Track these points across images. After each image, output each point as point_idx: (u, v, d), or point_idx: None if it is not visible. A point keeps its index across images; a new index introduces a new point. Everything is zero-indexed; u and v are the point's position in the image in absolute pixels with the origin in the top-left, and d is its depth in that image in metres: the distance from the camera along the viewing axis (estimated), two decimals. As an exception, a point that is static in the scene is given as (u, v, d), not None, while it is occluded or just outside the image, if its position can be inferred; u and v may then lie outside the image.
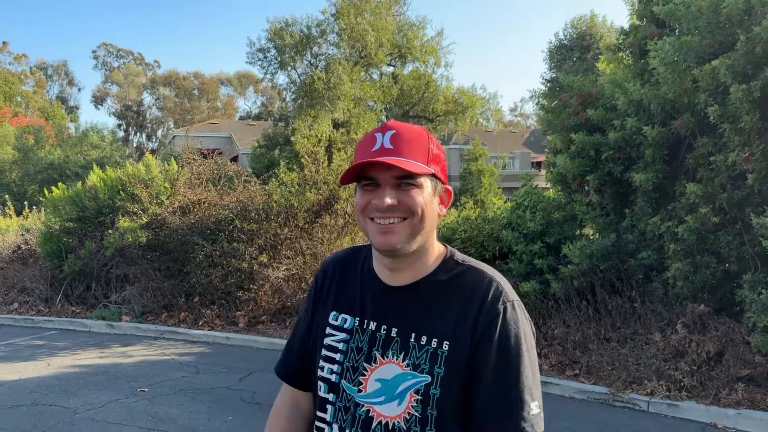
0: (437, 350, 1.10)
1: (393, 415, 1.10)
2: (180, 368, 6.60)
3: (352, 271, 1.25)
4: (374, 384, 1.12)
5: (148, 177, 9.39)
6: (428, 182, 1.14)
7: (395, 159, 1.09)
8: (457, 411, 1.09)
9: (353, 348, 1.17)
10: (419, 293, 1.16)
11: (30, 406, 5.29)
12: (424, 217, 1.12)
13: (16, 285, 9.84)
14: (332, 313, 1.23)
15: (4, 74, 50.99)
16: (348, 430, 1.13)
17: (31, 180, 23.75)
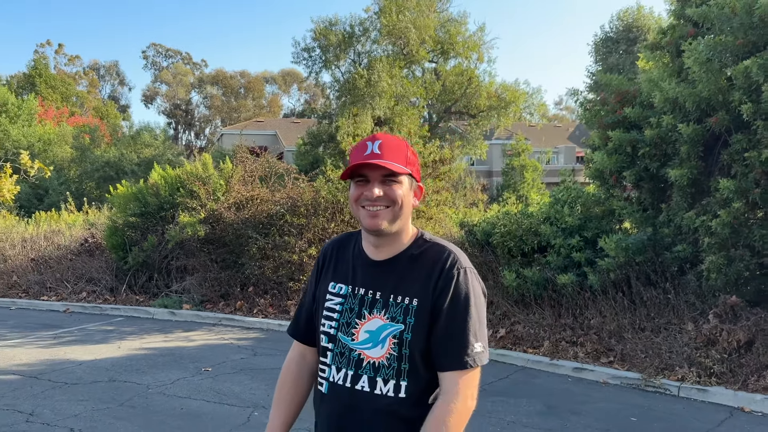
0: (409, 305, 1.49)
1: (377, 356, 1.49)
2: (238, 351, 7.15)
3: (346, 251, 1.65)
4: (364, 334, 1.51)
5: (205, 175, 10.00)
6: (406, 180, 1.53)
7: (383, 161, 1.48)
8: (422, 350, 1.48)
9: (347, 308, 1.55)
10: (396, 265, 1.55)
11: (107, 382, 5.89)
12: (402, 206, 1.51)
13: (84, 275, 10.62)
14: (331, 283, 1.62)
15: (61, 75, 53.02)
16: (344, 369, 1.52)
17: (89, 177, 24.94)
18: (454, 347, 1.46)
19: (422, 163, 9.62)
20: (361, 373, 1.50)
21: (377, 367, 1.49)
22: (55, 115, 39.59)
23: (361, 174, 1.51)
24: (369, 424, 1.48)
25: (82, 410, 5.01)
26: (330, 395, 1.54)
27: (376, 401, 1.47)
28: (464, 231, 9.02)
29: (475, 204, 17.56)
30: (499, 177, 37.98)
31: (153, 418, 4.85)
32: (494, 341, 7.10)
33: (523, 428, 4.62)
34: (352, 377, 1.50)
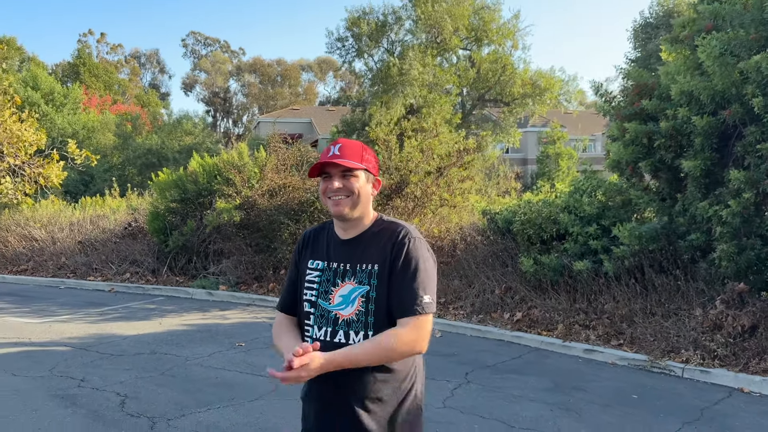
0: (372, 270, 1.87)
1: (348, 313, 1.87)
2: (270, 329, 7.59)
3: (321, 235, 2.04)
4: (338, 299, 1.90)
5: (240, 163, 10.51)
6: (362, 174, 1.91)
7: (340, 160, 1.87)
8: (385, 306, 1.85)
9: (324, 279, 1.94)
10: (361, 241, 1.93)
11: (150, 354, 6.43)
12: (359, 195, 1.89)
13: (128, 257, 11.29)
14: (310, 260, 2.01)
15: (103, 64, 54.42)
16: (324, 327, 1.90)
17: (131, 164, 25.88)
18: (407, 299, 1.82)
19: (446, 153, 9.93)
20: (337, 329, 1.88)
21: (349, 322, 1.87)
22: (99, 103, 40.81)
23: (326, 171, 1.91)
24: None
25: (127, 378, 5.55)
26: None
27: None
28: (486, 219, 9.32)
29: (507, 192, 17.66)
30: (533, 165, 37.80)
31: (191, 386, 5.35)
32: (510, 324, 7.44)
33: (528, 402, 4.97)
34: (330, 333, 1.88)
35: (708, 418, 4.64)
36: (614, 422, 4.54)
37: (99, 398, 4.99)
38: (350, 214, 1.90)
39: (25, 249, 12.61)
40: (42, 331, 7.43)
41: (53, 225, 13.15)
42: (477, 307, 8.09)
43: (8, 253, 12.74)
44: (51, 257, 12.10)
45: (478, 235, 9.63)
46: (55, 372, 5.72)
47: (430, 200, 9.76)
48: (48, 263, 11.93)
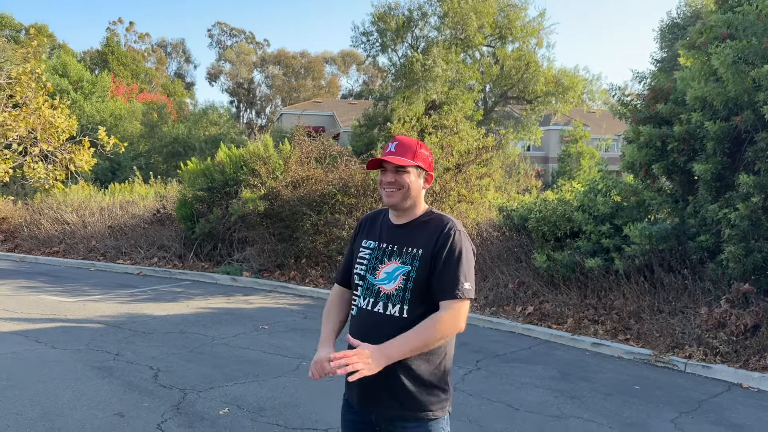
0: (416, 253, 2.13)
1: (390, 288, 2.15)
2: (291, 314, 8.00)
3: (377, 219, 2.32)
4: (383, 275, 2.17)
5: (266, 155, 10.88)
6: (414, 170, 2.16)
7: (394, 157, 2.14)
8: (423, 286, 2.11)
9: (374, 257, 2.22)
10: (410, 227, 2.20)
11: (178, 333, 6.82)
12: (409, 189, 2.15)
13: (156, 243, 11.74)
14: (365, 240, 2.29)
15: (131, 53, 55.16)
16: (368, 298, 2.19)
17: (157, 152, 26.45)
18: (449, 284, 2.09)
19: (465, 150, 10.19)
20: (378, 301, 2.17)
21: (389, 296, 2.15)
22: (126, 92, 41.53)
23: (383, 165, 2.19)
24: (379, 331, 2.16)
25: (158, 353, 5.93)
26: (357, 315, 2.23)
27: (386, 318, 2.16)
28: (502, 215, 9.57)
29: (528, 190, 17.80)
30: (555, 163, 37.76)
31: (218, 362, 5.72)
32: (522, 317, 7.70)
33: (534, 389, 5.25)
34: (372, 303, 2.18)
35: (705, 409, 4.89)
36: (614, 409, 4.81)
37: (133, 371, 5.38)
38: (400, 204, 2.17)
39: (57, 232, 13.14)
40: (76, 309, 7.87)
41: (84, 209, 13.66)
42: (490, 300, 8.36)
43: (41, 235, 13.28)
44: (82, 240, 12.61)
45: (494, 230, 9.90)
46: (91, 346, 6.13)
47: (449, 196, 10.03)
48: (79, 246, 12.43)
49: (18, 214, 14.55)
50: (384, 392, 2.10)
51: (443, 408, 2.14)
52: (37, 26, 46.55)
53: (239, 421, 4.29)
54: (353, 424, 2.23)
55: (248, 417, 4.38)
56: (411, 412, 2.09)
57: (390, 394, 2.09)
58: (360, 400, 2.17)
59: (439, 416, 2.12)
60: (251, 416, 4.40)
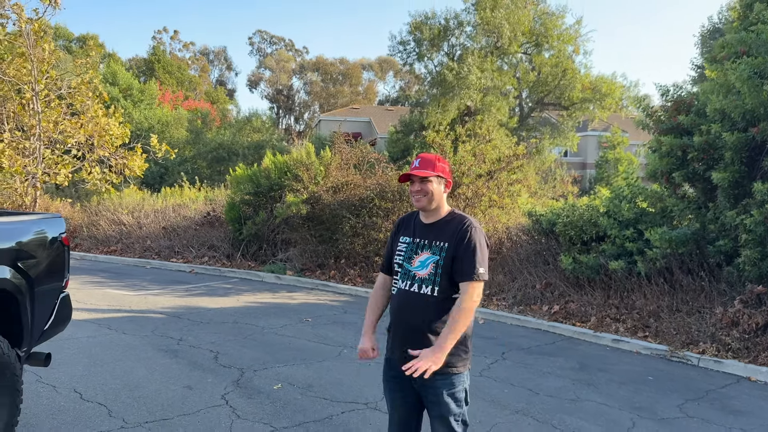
0: (443, 246, 2.72)
1: (422, 273, 2.73)
2: (332, 309, 8.66)
3: (410, 220, 2.91)
4: (417, 263, 2.76)
5: (308, 161, 11.59)
6: (435, 179, 2.75)
7: (419, 171, 2.75)
8: (448, 271, 2.69)
9: (409, 249, 2.81)
10: (437, 225, 2.78)
11: (232, 323, 7.53)
12: (432, 194, 2.75)
13: (206, 243, 12.57)
14: (402, 236, 2.89)
15: (176, 61, 56.92)
16: (405, 281, 2.77)
17: (202, 158, 27.58)
18: (468, 269, 2.67)
19: (497, 158, 10.72)
20: (413, 283, 2.77)
21: (422, 279, 2.75)
22: (171, 99, 43.04)
23: (410, 178, 2.81)
24: (414, 306, 2.75)
25: (216, 339, 6.65)
26: (397, 295, 2.83)
27: (419, 296, 2.75)
28: (531, 220, 10.06)
29: (564, 196, 18.12)
30: (592, 169, 37.71)
31: (269, 348, 6.39)
32: (548, 315, 8.20)
33: (554, 378, 5.77)
34: (409, 285, 2.78)
35: (711, 397, 5.34)
36: (626, 395, 5.30)
37: (196, 353, 6.09)
38: (427, 207, 2.78)
39: (115, 232, 14.12)
40: (139, 301, 8.67)
41: (139, 212, 14.62)
42: (518, 299, 8.87)
43: (100, 235, 14.28)
44: (137, 240, 13.54)
45: (523, 234, 10.39)
46: (156, 333, 6.89)
47: (480, 201, 10.57)
48: (135, 245, 13.36)
49: (77, 216, 15.62)
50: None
51: (464, 365, 2.73)
52: (88, 36, 48.60)
53: (291, 395, 4.94)
54: (393, 379, 2.82)
55: (298, 392, 5.03)
56: (439, 368, 2.68)
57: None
58: (400, 360, 2.77)
59: (461, 371, 2.71)
60: (301, 391, 5.04)
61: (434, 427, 2.73)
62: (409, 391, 2.79)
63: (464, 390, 2.74)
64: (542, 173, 22.69)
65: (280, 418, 4.45)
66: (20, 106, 14.87)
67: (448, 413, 2.68)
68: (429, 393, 2.71)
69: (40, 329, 3.96)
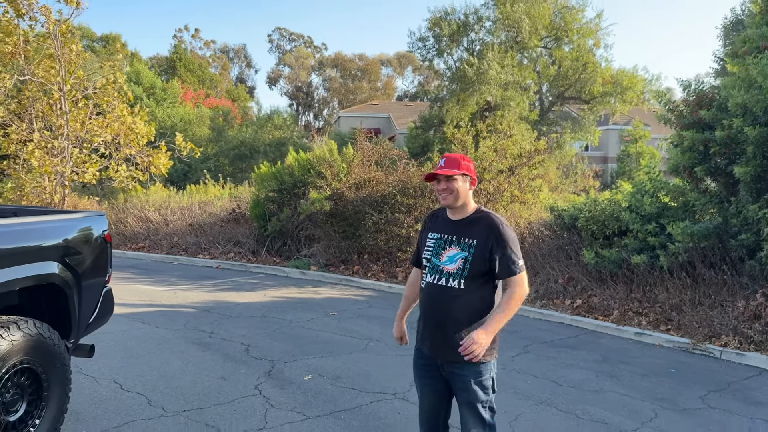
0: (471, 243, 2.83)
1: (450, 268, 2.86)
2: (356, 303, 8.83)
3: (438, 216, 3.04)
4: (446, 258, 2.89)
5: (331, 159, 11.77)
6: (460, 177, 2.88)
7: (444, 170, 2.88)
8: (476, 267, 2.80)
9: (437, 245, 2.94)
10: (464, 222, 2.90)
11: (260, 317, 7.74)
12: (458, 192, 2.88)
13: (232, 239, 12.83)
14: (430, 232, 3.02)
15: (197, 59, 57.43)
16: (434, 275, 2.90)
17: (224, 155, 27.93)
18: (510, 265, 2.80)
19: (518, 154, 10.80)
20: (441, 276, 2.91)
21: (450, 273, 2.89)
22: (193, 97, 43.51)
23: (436, 177, 2.95)
24: (442, 299, 2.89)
25: (246, 333, 6.86)
26: (426, 288, 2.98)
27: (447, 289, 2.89)
28: (553, 215, 10.13)
29: (585, 190, 18.12)
30: (614, 163, 37.45)
31: (297, 341, 6.58)
32: (570, 309, 8.29)
33: (577, 369, 5.88)
34: (437, 278, 2.93)
35: (733, 389, 5.41)
36: (648, 387, 5.39)
37: (227, 345, 6.30)
38: (453, 204, 2.91)
39: (142, 229, 14.45)
40: (169, 297, 8.93)
41: (165, 209, 14.94)
42: (541, 294, 8.96)
43: (128, 232, 14.62)
44: (165, 237, 13.85)
45: (545, 229, 10.46)
46: (188, 326, 7.12)
47: (502, 196, 10.66)
48: (162, 242, 13.67)
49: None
50: (448, 345, 2.84)
51: (492, 354, 2.87)
52: (111, 36, 49.29)
53: (321, 385, 5.12)
54: (424, 367, 2.98)
55: (328, 382, 5.21)
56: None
57: (452, 345, 2.83)
58: (430, 349, 2.92)
59: (488, 360, 2.85)
60: (331, 382, 5.22)
61: (463, 414, 2.88)
62: (438, 379, 2.94)
63: (491, 378, 2.88)
64: (563, 168, 22.66)
65: (312, 407, 4.63)
66: (48, 107, 15.25)
67: (475, 400, 2.83)
68: (457, 381, 2.86)
69: (86, 322, 4.19)
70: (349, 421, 4.39)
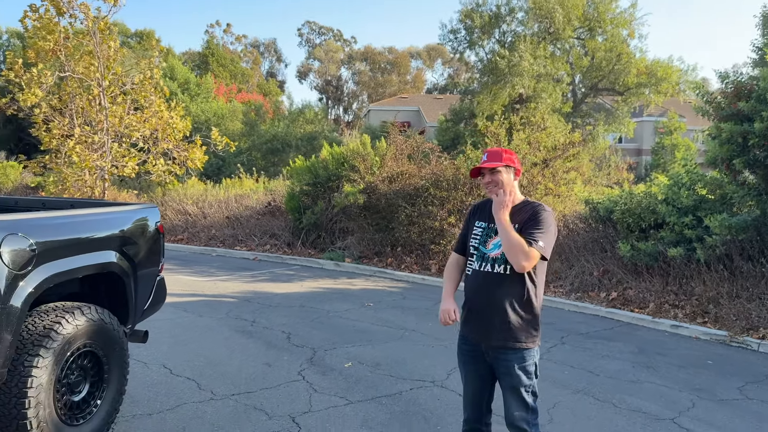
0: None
1: (496, 254, 2.96)
2: (391, 295, 8.98)
3: (484, 207, 3.13)
4: (491, 245, 3.00)
5: (364, 152, 11.92)
6: (504, 169, 2.98)
7: (488, 164, 2.99)
8: None
9: (485, 233, 3.05)
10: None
11: (299, 307, 7.95)
12: (504, 184, 2.98)
13: (268, 232, 13.10)
14: (477, 221, 3.13)
15: (228, 54, 58.08)
16: (480, 261, 3.01)
17: (257, 149, 28.32)
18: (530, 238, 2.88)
19: (552, 146, 10.80)
20: (487, 263, 3.01)
21: (494, 259, 3.00)
22: (225, 92, 44.10)
23: (481, 171, 3.06)
24: (488, 285, 3.00)
25: (286, 321, 7.06)
26: (472, 274, 3.09)
27: (493, 275, 3.00)
28: (588, 208, 10.12)
29: (619, 183, 17.96)
30: (648, 156, 36.88)
31: (335, 330, 6.76)
32: (606, 301, 8.31)
33: (613, 360, 5.93)
34: (483, 265, 3.04)
35: (772, 381, 5.42)
36: (685, 378, 5.43)
37: (269, 334, 6.51)
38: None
39: (180, 222, 14.83)
40: (210, 287, 9.20)
41: (202, 202, 15.29)
42: (576, 286, 8.99)
43: (166, 224, 14.99)
44: (202, 229, 14.20)
45: (580, 222, 10.46)
46: (230, 315, 7.35)
47: (536, 189, 10.67)
48: (200, 234, 14.02)
49: (144, 206, 16.39)
50: (493, 329, 2.96)
51: (534, 341, 2.98)
52: (145, 32, 50.13)
53: (361, 372, 5.29)
54: (468, 353, 3.10)
55: (368, 369, 5.36)
56: (511, 343, 2.94)
57: (497, 330, 2.95)
58: (475, 335, 3.03)
59: (531, 347, 2.97)
60: (370, 369, 5.38)
61: (506, 398, 3.00)
62: (482, 364, 3.05)
63: (534, 364, 2.99)
64: (596, 160, 22.43)
65: (354, 393, 4.79)
66: (87, 102, 15.69)
67: (519, 384, 2.94)
68: (501, 366, 2.97)
69: (141, 309, 4.41)
70: (391, 407, 4.54)
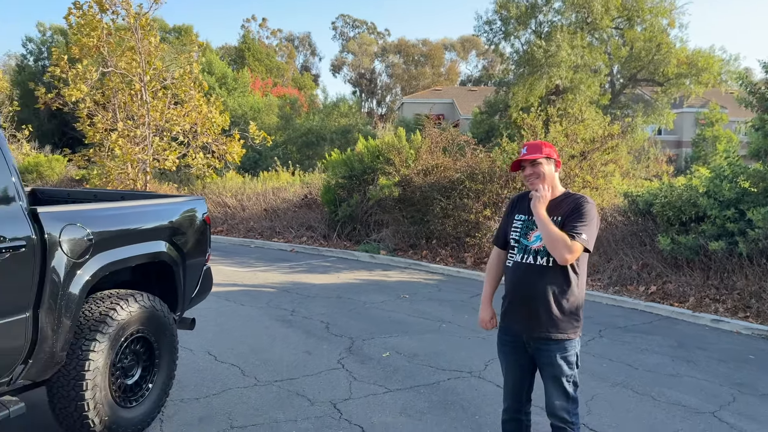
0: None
1: (537, 246, 2.99)
2: (426, 287, 9.05)
3: (525, 198, 3.16)
4: (533, 237, 3.02)
5: (399, 145, 11.98)
6: (544, 161, 3.01)
7: (528, 156, 3.02)
8: None
9: (525, 225, 3.08)
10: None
11: (336, 298, 8.08)
12: (545, 176, 3.01)
13: (304, 224, 13.29)
14: (517, 214, 3.15)
15: (264, 48, 58.63)
16: (521, 253, 3.04)
17: (292, 143, 28.63)
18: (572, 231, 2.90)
19: (590, 138, 10.69)
20: (529, 255, 3.05)
21: (537, 251, 3.03)
22: (261, 86, 44.57)
23: (521, 164, 3.10)
24: (530, 276, 3.04)
25: (325, 311, 7.20)
26: (513, 266, 3.14)
27: (535, 267, 3.04)
28: (627, 200, 10.00)
29: (658, 176, 17.67)
30: (688, 148, 36.07)
31: (372, 321, 6.87)
32: (644, 296, 8.23)
33: (652, 353, 5.90)
34: (524, 257, 3.08)
35: (817, 377, 5.32)
36: (726, 372, 5.37)
37: (308, 323, 6.66)
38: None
39: (220, 214, 15.13)
40: (249, 277, 9.41)
41: (241, 195, 15.58)
42: (614, 280, 8.92)
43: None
44: (241, 221, 14.47)
45: (618, 215, 10.35)
46: (270, 305, 7.53)
47: (573, 182, 10.59)
48: (239, 226, 14.29)
49: (184, 199, 16.77)
50: (535, 320, 3.01)
51: (575, 332, 3.02)
52: (183, 27, 50.95)
53: (399, 362, 5.38)
54: (509, 343, 3.15)
55: (405, 359, 5.46)
56: (553, 334, 2.98)
57: (539, 321, 2.99)
58: (517, 326, 3.08)
59: (572, 338, 3.01)
60: (407, 359, 5.47)
61: (547, 387, 3.05)
62: (522, 354, 3.11)
63: (575, 354, 3.04)
64: (634, 152, 22.04)
65: (392, 382, 4.89)
66: (129, 97, 16.11)
67: (561, 374, 2.99)
68: (543, 356, 3.02)
69: (189, 297, 4.58)
70: (429, 396, 4.63)
